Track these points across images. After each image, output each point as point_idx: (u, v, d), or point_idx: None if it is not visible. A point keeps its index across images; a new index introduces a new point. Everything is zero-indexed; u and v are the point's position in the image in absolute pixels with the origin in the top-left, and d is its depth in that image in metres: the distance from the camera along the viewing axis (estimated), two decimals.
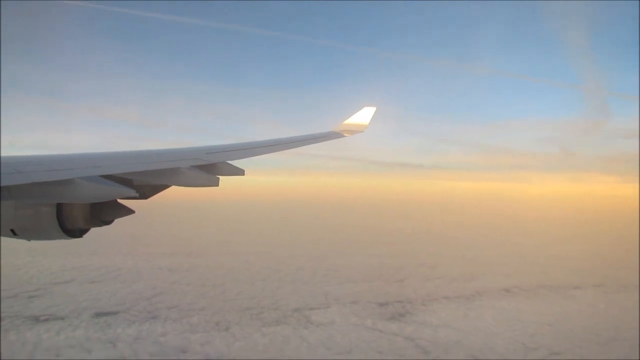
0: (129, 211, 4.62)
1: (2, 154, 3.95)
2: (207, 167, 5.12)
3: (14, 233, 4.43)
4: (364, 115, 10.31)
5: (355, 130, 9.88)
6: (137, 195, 4.14)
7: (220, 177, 5.02)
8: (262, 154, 6.65)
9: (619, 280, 70.26)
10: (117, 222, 4.73)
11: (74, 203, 4.37)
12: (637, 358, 42.33)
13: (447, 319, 52.87)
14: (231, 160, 5.66)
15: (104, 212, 4.54)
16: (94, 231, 4.73)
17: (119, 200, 4.55)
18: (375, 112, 10.49)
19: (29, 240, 4.65)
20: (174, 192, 5.04)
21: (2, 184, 3.19)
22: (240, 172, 5.54)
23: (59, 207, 4.38)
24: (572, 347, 46.10)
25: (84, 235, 4.66)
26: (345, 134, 9.57)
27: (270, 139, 7.79)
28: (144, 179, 4.56)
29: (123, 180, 4.29)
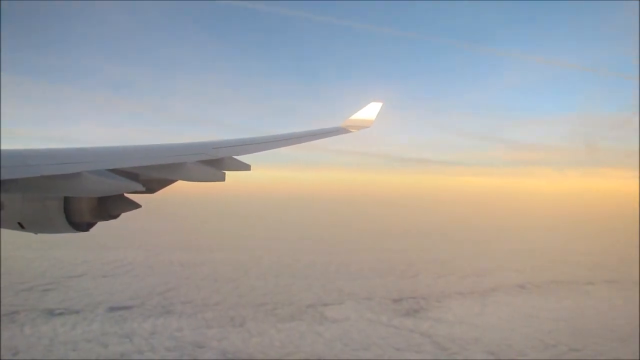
0: (136, 205, 4.63)
1: (15, 147, 3.98)
2: (213, 162, 5.18)
3: (21, 226, 4.45)
4: (370, 111, 10.27)
5: (361, 126, 9.85)
6: (143, 189, 4.20)
7: (227, 172, 5.06)
8: (268, 149, 6.67)
9: (633, 276, 69.66)
10: (126, 216, 4.70)
11: (82, 197, 4.38)
12: None
13: (462, 316, 52.68)
14: (237, 155, 5.69)
15: (111, 206, 4.54)
16: (104, 225, 4.70)
17: (125, 195, 4.54)
18: (382, 107, 10.38)
19: (36, 234, 4.66)
20: (180, 187, 5.06)
21: (10, 177, 3.23)
22: (246, 167, 5.59)
23: (66, 201, 4.38)
24: (590, 344, 45.85)
25: (90, 229, 4.68)
26: (351, 130, 9.52)
27: (276, 134, 7.74)
28: (151, 174, 4.65)
29: (130, 174, 4.35)
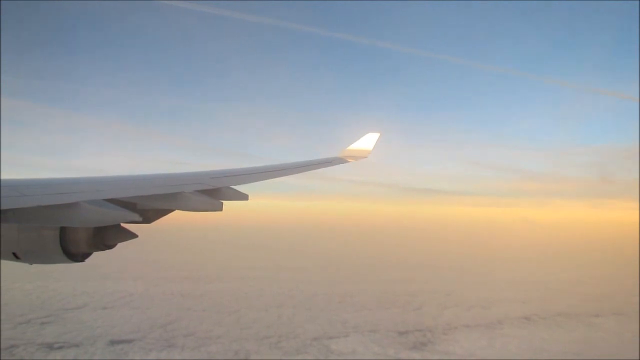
0: (132, 235, 4.57)
1: (18, 176, 4.01)
2: (211, 192, 5.16)
3: (16, 256, 4.36)
4: (367, 141, 10.39)
5: (358, 156, 9.91)
6: (140, 219, 4.12)
7: (224, 202, 5.03)
8: (265, 179, 6.69)
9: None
10: (123, 246, 4.65)
11: (78, 227, 4.33)
12: None
13: (471, 349, 51.69)
14: (235, 184, 5.69)
15: (108, 236, 4.49)
16: (102, 255, 4.65)
17: (122, 225, 4.49)
18: (379, 138, 10.47)
19: (31, 264, 4.60)
20: (177, 217, 5.04)
21: (6, 207, 3.20)
22: (244, 197, 5.56)
23: (62, 231, 4.33)
24: None
25: (86, 259, 4.60)
26: (348, 160, 9.58)
27: (274, 164, 7.80)
28: (148, 203, 4.60)
29: (127, 204, 4.33)
